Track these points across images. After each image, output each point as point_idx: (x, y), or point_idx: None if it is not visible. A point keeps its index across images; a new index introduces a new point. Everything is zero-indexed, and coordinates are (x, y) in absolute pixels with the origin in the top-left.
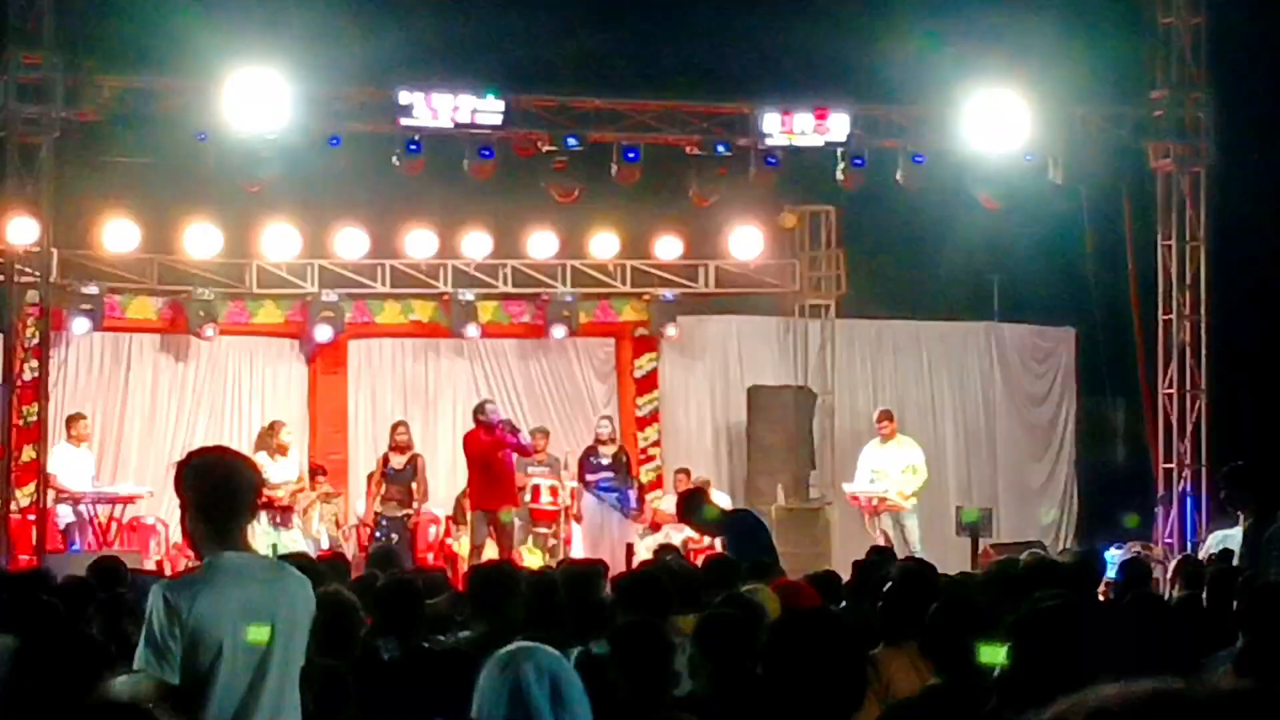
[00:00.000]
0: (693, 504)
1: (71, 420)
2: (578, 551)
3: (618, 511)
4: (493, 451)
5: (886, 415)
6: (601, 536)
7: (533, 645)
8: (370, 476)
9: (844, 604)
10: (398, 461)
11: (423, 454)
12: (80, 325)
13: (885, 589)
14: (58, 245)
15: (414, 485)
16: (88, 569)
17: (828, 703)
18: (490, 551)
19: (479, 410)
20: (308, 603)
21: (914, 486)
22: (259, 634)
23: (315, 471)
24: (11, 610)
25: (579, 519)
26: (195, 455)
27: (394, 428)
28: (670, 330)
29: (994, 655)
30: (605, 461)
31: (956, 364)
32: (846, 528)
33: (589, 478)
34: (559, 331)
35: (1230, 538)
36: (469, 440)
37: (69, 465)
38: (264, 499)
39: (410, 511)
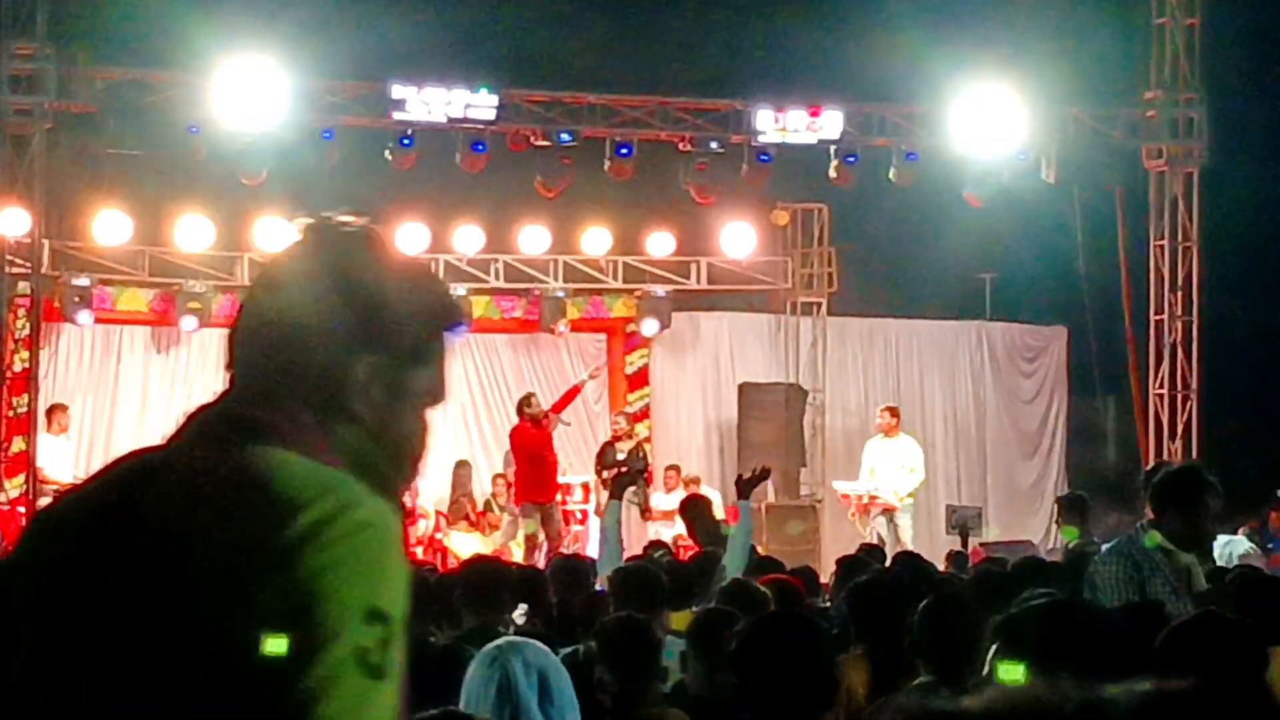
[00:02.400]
0: (698, 508)
1: (54, 410)
2: (594, 547)
3: (636, 507)
4: (541, 445)
5: (890, 411)
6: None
7: (521, 640)
8: None
9: (828, 601)
10: None
11: None
12: (85, 318)
13: (855, 588)
14: (49, 237)
15: None
16: None
17: (797, 702)
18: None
19: (525, 403)
20: None
21: (910, 485)
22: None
23: None
24: None
25: (599, 514)
26: None
27: None
28: (647, 327)
29: (1014, 673)
30: (621, 457)
31: (947, 362)
32: (837, 525)
33: (605, 473)
34: (561, 326)
35: (1235, 543)
36: (517, 434)
37: (52, 456)
38: None
39: None
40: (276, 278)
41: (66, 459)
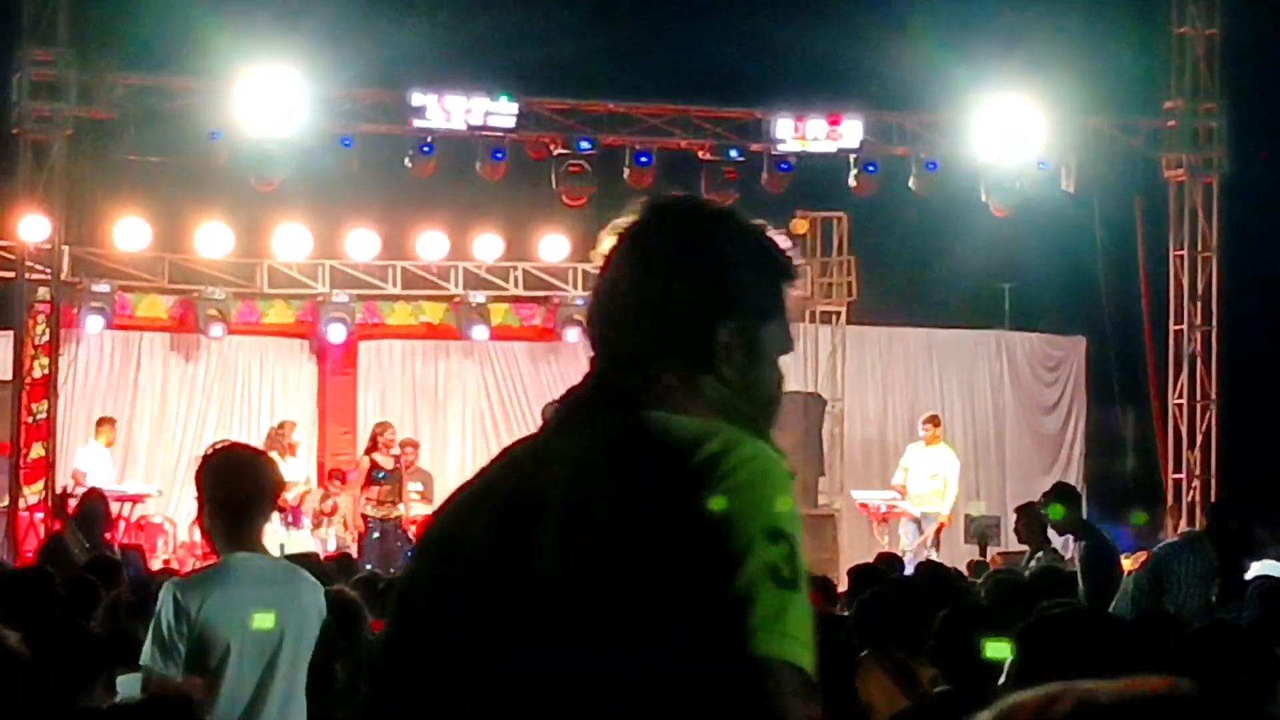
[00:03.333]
0: None
1: (104, 422)
2: None
3: None
4: None
5: (931, 420)
6: None
7: None
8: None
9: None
10: (388, 462)
11: (411, 454)
12: (94, 323)
13: (868, 597)
14: (69, 243)
15: (403, 486)
16: (84, 566)
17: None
18: None
19: (548, 410)
20: (318, 607)
21: (947, 505)
22: (264, 621)
23: (332, 476)
24: (16, 607)
25: None
26: (217, 452)
27: (383, 428)
28: None
29: (999, 651)
30: None
31: (967, 371)
32: (855, 534)
33: None
34: (571, 335)
35: (1272, 567)
36: None
37: (98, 464)
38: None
39: (400, 513)
40: (630, 256)
41: (109, 469)
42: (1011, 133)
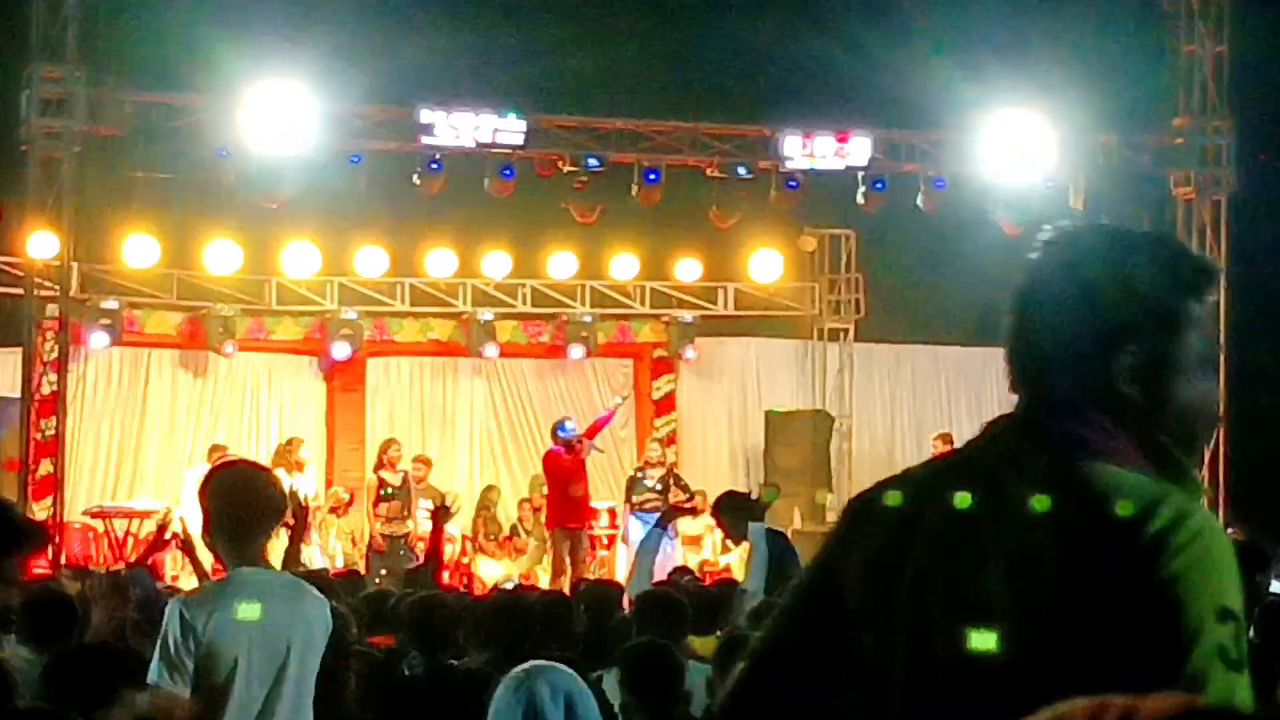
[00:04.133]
0: (735, 503)
1: (217, 449)
2: (620, 573)
3: (666, 535)
4: (574, 471)
5: (942, 437)
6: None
7: (547, 664)
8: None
9: None
10: (395, 478)
11: (422, 471)
12: (99, 340)
13: None
14: (78, 259)
15: (410, 502)
16: (94, 582)
17: None
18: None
19: (558, 427)
20: (325, 622)
21: None
22: (249, 611)
23: (340, 499)
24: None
25: (625, 541)
26: (221, 468)
27: (388, 444)
28: (689, 352)
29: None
30: (650, 484)
31: (975, 388)
32: None
33: (634, 499)
34: (577, 352)
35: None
36: (550, 459)
37: None
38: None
39: (409, 529)
40: (1030, 292)
41: None
42: (1020, 150)
